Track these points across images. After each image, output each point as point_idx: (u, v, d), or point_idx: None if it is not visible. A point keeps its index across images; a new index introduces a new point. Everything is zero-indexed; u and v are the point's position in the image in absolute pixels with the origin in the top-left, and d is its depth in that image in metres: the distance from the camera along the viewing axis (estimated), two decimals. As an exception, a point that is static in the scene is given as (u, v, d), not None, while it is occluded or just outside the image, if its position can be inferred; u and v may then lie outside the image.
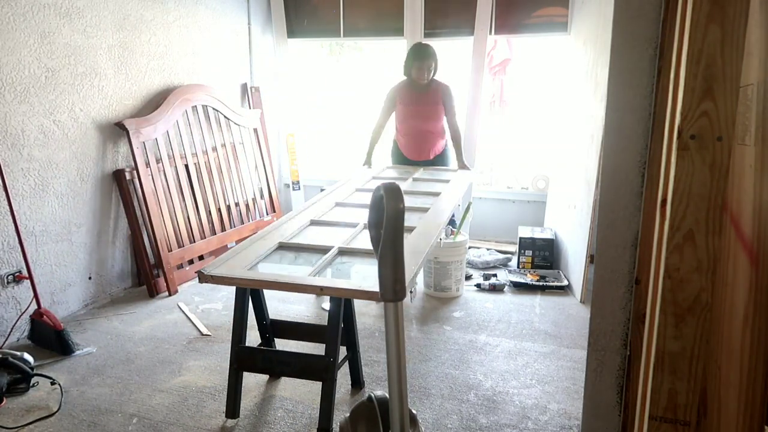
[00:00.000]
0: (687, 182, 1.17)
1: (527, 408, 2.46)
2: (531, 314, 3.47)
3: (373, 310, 3.53)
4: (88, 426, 2.33)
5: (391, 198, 1.21)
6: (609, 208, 1.57)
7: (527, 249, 4.21)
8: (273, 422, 2.37)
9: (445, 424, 2.35)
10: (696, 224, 1.17)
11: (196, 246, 4.09)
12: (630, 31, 1.46)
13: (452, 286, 3.73)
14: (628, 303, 1.59)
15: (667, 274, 1.22)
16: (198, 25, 4.36)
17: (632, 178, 1.53)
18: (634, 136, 1.50)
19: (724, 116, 1.13)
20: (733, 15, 1.09)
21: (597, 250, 1.64)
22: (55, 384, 2.60)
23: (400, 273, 1.25)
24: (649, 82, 1.47)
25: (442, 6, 4.79)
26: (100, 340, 3.11)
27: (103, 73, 3.55)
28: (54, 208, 3.30)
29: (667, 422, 1.27)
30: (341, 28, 5.08)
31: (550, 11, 4.55)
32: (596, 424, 1.72)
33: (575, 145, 4.07)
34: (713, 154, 1.14)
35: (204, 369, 2.80)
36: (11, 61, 2.98)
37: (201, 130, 4.30)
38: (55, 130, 3.27)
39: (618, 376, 1.66)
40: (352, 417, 1.53)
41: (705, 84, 1.13)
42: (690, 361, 1.23)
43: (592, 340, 1.66)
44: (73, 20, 3.32)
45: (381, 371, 2.77)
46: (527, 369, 2.81)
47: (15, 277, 3.06)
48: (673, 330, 1.23)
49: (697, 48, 1.12)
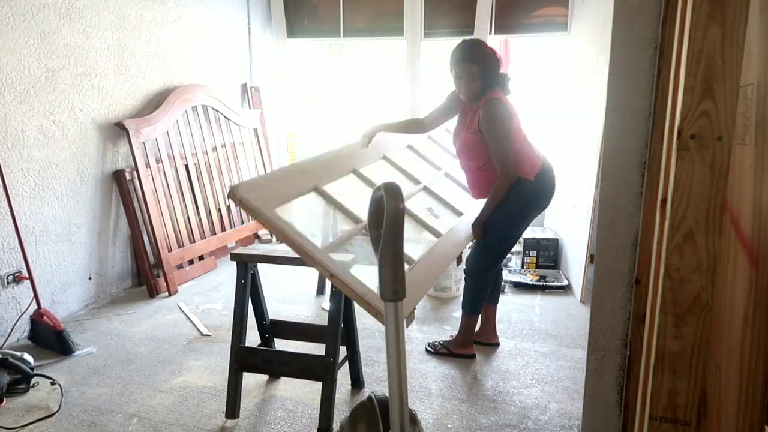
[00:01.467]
0: (687, 182, 1.17)
1: (527, 408, 2.46)
2: (531, 314, 3.47)
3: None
4: (88, 426, 2.33)
5: (391, 198, 1.21)
6: (609, 208, 1.57)
7: (531, 249, 4.21)
8: (273, 422, 2.37)
9: (445, 424, 2.35)
10: (696, 224, 1.17)
11: (196, 246, 4.09)
12: (630, 31, 1.46)
13: (452, 286, 3.73)
14: (628, 303, 1.59)
15: (667, 274, 1.22)
16: (198, 25, 4.36)
17: (632, 178, 1.53)
18: (634, 136, 1.50)
19: (724, 116, 1.13)
20: (733, 15, 1.09)
21: (597, 250, 1.64)
22: (55, 384, 2.60)
23: (400, 273, 1.25)
24: (649, 82, 1.46)
25: (442, 6, 4.79)
26: (100, 340, 3.11)
27: (103, 74, 3.55)
28: (54, 209, 3.30)
29: (667, 422, 1.27)
30: (341, 28, 5.08)
31: (550, 11, 4.55)
32: (596, 424, 1.72)
33: (575, 145, 4.07)
34: (713, 153, 1.14)
35: (204, 369, 2.80)
36: (11, 61, 2.98)
37: (201, 130, 4.30)
38: (55, 130, 3.27)
39: (618, 376, 1.66)
40: (352, 417, 1.53)
41: (705, 84, 1.13)
42: (690, 361, 1.23)
43: (592, 340, 1.66)
44: (73, 20, 3.32)
45: (381, 371, 2.76)
46: (527, 369, 2.80)
47: (15, 278, 3.06)
48: (673, 330, 1.23)
49: (697, 48, 1.12)
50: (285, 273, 3.76)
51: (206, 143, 4.34)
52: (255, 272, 2.46)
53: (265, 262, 2.39)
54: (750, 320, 1.16)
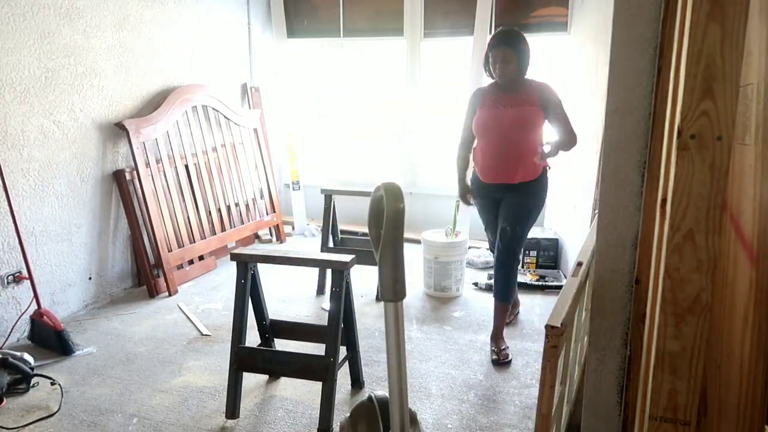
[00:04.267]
0: (687, 182, 1.17)
1: (527, 408, 2.46)
2: (531, 314, 3.47)
3: (373, 310, 3.53)
4: (88, 426, 2.33)
5: (391, 198, 1.21)
6: (609, 208, 1.57)
7: (532, 249, 4.20)
8: (273, 422, 2.37)
9: (445, 424, 2.35)
10: (696, 224, 1.17)
11: (196, 246, 4.09)
12: (630, 31, 1.46)
13: (452, 286, 3.73)
14: (628, 303, 1.59)
15: (667, 274, 1.22)
16: (198, 25, 4.36)
17: (632, 178, 1.52)
18: (634, 136, 1.50)
19: (724, 116, 1.13)
20: (733, 15, 1.09)
21: (597, 250, 1.64)
22: (55, 384, 2.60)
23: (400, 273, 1.25)
24: (649, 82, 1.46)
25: (442, 6, 4.79)
26: (100, 340, 3.11)
27: (103, 74, 3.55)
28: (54, 209, 3.30)
29: (667, 422, 1.27)
30: (341, 28, 5.09)
31: (550, 11, 4.55)
32: (596, 424, 1.72)
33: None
34: (713, 153, 1.14)
35: (204, 369, 2.80)
36: (11, 61, 2.98)
37: (201, 130, 4.30)
38: (55, 130, 3.27)
39: (618, 376, 1.66)
40: (352, 417, 1.53)
41: (705, 84, 1.13)
42: (690, 361, 1.23)
43: (592, 340, 1.66)
44: (73, 20, 3.32)
45: (381, 371, 2.76)
46: (527, 369, 2.80)
47: (15, 278, 3.06)
48: (673, 330, 1.23)
49: (697, 48, 1.12)
50: (285, 273, 3.76)
51: (206, 143, 4.34)
52: (255, 272, 2.46)
53: (265, 262, 2.39)
54: (750, 320, 1.16)
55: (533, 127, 2.85)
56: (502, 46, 2.77)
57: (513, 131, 2.85)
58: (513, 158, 2.87)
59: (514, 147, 2.86)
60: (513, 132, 2.85)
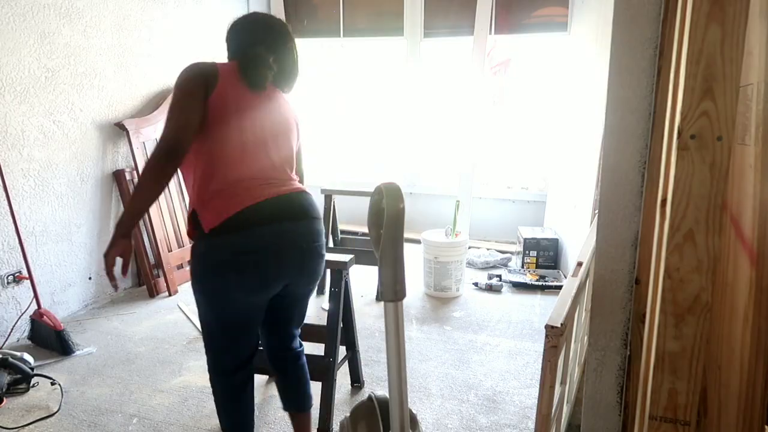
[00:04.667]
0: (687, 182, 1.17)
1: (527, 408, 2.46)
2: (531, 314, 3.47)
3: (373, 310, 3.53)
4: (88, 426, 2.33)
5: (391, 198, 1.21)
6: (609, 208, 1.57)
7: (531, 249, 4.20)
8: (273, 422, 2.37)
9: (445, 424, 2.35)
10: (696, 224, 1.17)
11: (196, 246, 4.08)
12: (630, 31, 1.46)
13: (452, 286, 3.73)
14: (628, 303, 1.59)
15: (667, 274, 1.22)
16: (198, 25, 4.36)
17: (632, 178, 1.52)
18: (634, 136, 1.50)
19: (724, 116, 1.13)
20: (733, 15, 1.09)
21: (597, 250, 1.64)
22: (55, 384, 2.60)
23: (400, 273, 1.25)
24: (649, 82, 1.46)
25: (442, 5, 4.79)
26: (100, 340, 3.11)
27: (103, 73, 3.55)
28: (54, 209, 3.30)
29: (667, 422, 1.27)
30: (341, 28, 5.08)
31: (550, 11, 4.55)
32: (596, 424, 1.72)
33: (575, 145, 4.07)
34: (713, 153, 1.14)
35: (204, 369, 2.80)
36: (11, 61, 2.98)
37: (201, 130, 4.30)
38: (55, 130, 3.27)
39: (618, 376, 1.66)
40: (352, 417, 1.53)
41: (705, 84, 1.13)
42: (690, 361, 1.23)
43: (592, 340, 1.66)
44: (73, 20, 3.32)
45: (381, 371, 2.76)
46: (527, 369, 2.80)
47: (15, 278, 3.06)
48: (673, 330, 1.23)
49: (697, 48, 1.12)
50: (285, 273, 3.76)
51: (206, 143, 4.34)
52: (255, 272, 2.45)
53: (265, 262, 2.38)
54: (750, 320, 1.16)
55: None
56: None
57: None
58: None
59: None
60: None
